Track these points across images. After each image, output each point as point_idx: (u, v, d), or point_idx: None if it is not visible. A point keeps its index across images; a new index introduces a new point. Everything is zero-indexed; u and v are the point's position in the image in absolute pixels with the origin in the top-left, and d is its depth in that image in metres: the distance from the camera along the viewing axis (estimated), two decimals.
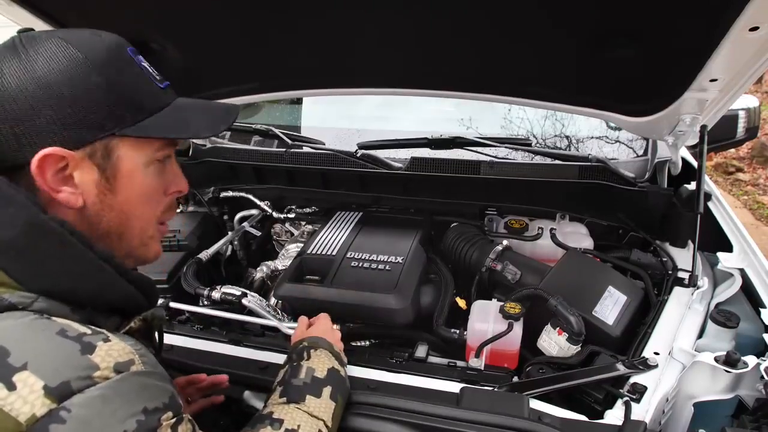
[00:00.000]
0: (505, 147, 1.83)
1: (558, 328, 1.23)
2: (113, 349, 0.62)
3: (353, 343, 1.39)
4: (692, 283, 1.39)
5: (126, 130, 0.72)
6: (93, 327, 0.65)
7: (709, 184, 1.71)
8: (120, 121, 0.71)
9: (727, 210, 1.62)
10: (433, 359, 1.28)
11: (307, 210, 1.93)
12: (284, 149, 1.89)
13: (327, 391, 0.93)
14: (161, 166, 0.79)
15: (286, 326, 1.32)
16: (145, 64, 0.77)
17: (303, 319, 1.16)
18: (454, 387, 1.09)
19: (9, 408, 0.55)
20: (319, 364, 0.97)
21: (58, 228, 0.66)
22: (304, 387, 0.91)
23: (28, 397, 0.56)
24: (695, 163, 1.69)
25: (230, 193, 1.95)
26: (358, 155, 1.82)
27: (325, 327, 1.11)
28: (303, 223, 1.90)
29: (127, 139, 0.73)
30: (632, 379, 1.08)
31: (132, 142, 0.73)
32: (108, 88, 0.70)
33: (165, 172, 0.80)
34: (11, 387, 0.56)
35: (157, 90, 0.77)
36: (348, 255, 1.50)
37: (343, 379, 0.99)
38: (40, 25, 1.27)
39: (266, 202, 1.92)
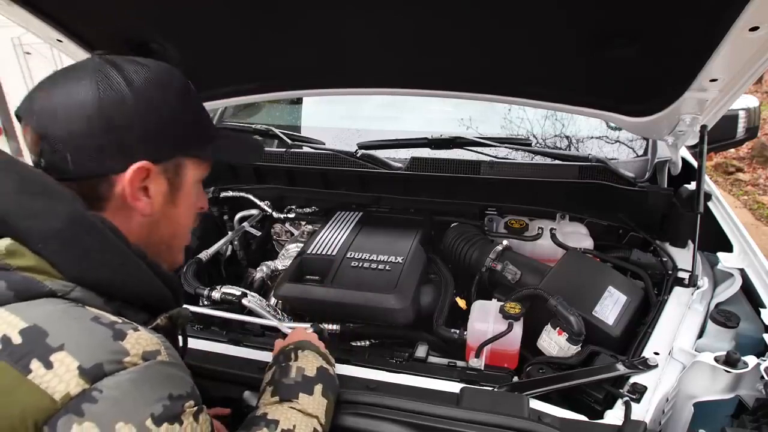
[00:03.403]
0: (505, 147, 1.84)
1: (558, 328, 1.23)
2: (142, 338, 0.66)
3: (353, 343, 1.39)
4: (692, 283, 1.39)
5: (196, 151, 0.83)
6: (123, 318, 0.69)
7: (709, 184, 1.71)
8: (193, 143, 0.83)
9: (727, 210, 1.62)
10: (433, 359, 1.28)
11: (307, 210, 1.92)
12: (284, 149, 1.89)
13: (318, 388, 0.93)
14: (200, 185, 0.90)
15: (286, 326, 1.31)
16: None
17: (279, 342, 1.11)
18: (454, 387, 1.09)
19: (45, 386, 0.58)
20: (308, 363, 0.98)
21: (100, 224, 0.72)
22: (296, 385, 0.92)
23: (63, 376, 0.59)
24: (695, 163, 1.69)
25: (230, 193, 1.94)
26: (358, 155, 1.82)
27: (301, 333, 1.09)
28: (303, 223, 1.90)
29: (192, 159, 0.84)
30: (632, 379, 1.08)
31: (195, 161, 0.85)
32: (187, 112, 0.82)
33: (200, 190, 0.91)
34: (48, 365, 0.59)
35: (210, 119, 0.87)
36: (348, 255, 1.50)
37: (333, 377, 1.00)
38: (37, 25, 1.27)
39: (266, 202, 1.91)
